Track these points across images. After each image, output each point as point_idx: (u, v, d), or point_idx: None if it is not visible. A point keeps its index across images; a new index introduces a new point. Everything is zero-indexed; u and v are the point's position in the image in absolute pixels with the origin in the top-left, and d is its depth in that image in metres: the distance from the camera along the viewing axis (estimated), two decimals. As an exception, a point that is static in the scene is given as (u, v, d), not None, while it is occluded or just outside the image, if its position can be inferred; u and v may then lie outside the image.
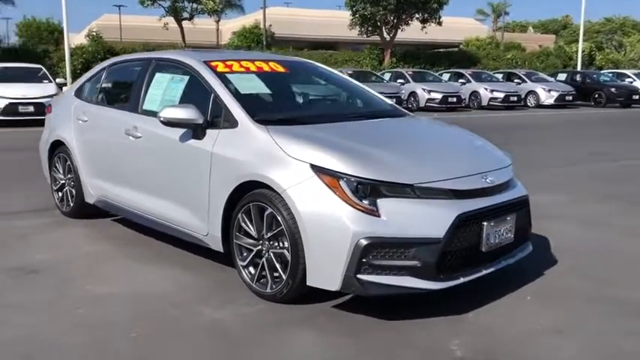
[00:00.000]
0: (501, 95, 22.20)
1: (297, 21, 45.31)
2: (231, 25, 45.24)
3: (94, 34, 23.14)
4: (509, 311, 3.45)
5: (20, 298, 3.60)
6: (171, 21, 29.48)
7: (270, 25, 37.58)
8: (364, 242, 3.08)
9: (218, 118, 3.87)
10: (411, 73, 22.99)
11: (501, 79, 24.66)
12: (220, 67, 4.24)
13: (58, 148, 5.48)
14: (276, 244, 3.43)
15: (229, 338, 3.08)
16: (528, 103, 23.74)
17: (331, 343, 3.05)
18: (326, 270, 3.20)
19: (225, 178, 3.67)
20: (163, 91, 4.46)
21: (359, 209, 3.13)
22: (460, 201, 3.30)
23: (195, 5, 29.18)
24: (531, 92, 23.77)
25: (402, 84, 21.82)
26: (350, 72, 20.55)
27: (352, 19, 27.35)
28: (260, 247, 3.53)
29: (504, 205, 3.50)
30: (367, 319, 3.31)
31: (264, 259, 3.51)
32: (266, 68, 4.49)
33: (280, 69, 4.58)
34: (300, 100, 4.65)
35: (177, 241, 4.32)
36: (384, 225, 3.12)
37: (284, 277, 3.38)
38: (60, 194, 5.52)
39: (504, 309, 3.48)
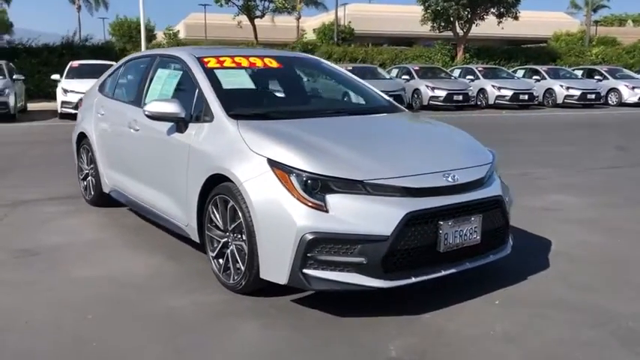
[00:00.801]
0: (577, 93, 21.07)
1: (377, 17, 45.15)
2: (312, 22, 45.76)
3: (170, 32, 24.19)
4: (470, 314, 3.34)
5: (10, 276, 3.89)
6: (246, 19, 30.23)
7: (350, 22, 37.67)
8: (309, 237, 3.09)
9: (200, 113, 3.99)
10: (481, 69, 22.31)
11: (581, 76, 23.40)
12: (211, 63, 4.36)
13: (82, 140, 5.83)
14: (238, 236, 3.50)
15: (175, 325, 3.17)
16: (609, 101, 22.40)
17: (271, 336, 3.08)
18: (275, 263, 3.23)
19: (199, 170, 3.79)
20: (162, 86, 4.65)
21: (306, 204, 3.14)
22: (413, 199, 3.23)
23: (266, 3, 29.80)
24: (613, 90, 22.41)
25: (472, 80, 21.20)
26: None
27: (424, 15, 26.90)
28: (226, 239, 3.61)
29: (466, 204, 3.38)
30: (320, 315, 3.32)
31: (229, 250, 3.59)
32: (259, 64, 4.57)
33: (274, 64, 4.64)
34: (284, 95, 4.68)
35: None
36: (330, 220, 3.11)
37: (242, 269, 3.45)
38: (84, 183, 5.87)
39: (466, 312, 3.38)
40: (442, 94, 19.55)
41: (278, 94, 4.61)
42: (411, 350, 2.94)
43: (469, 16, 26.64)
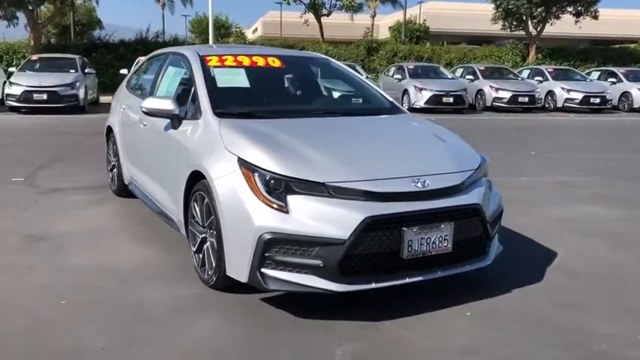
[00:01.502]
0: (657, 97, 19.78)
1: (453, 15, 44.22)
2: (388, 20, 45.43)
3: (237, 30, 24.80)
4: (434, 325, 3.25)
5: (9, 259, 4.14)
6: (313, 17, 30.41)
7: (425, 20, 37.14)
8: (267, 237, 3.11)
9: (193, 110, 4.09)
10: (551, 70, 21.36)
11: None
12: (212, 62, 4.45)
13: (110, 133, 6.10)
14: (213, 232, 3.57)
15: (139, 316, 3.27)
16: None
17: (224, 334, 3.11)
18: (237, 261, 3.27)
19: (184, 166, 3.88)
20: (169, 83, 4.80)
21: (267, 204, 3.16)
22: (375, 203, 3.17)
23: (333, 1, 29.87)
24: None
25: (540, 82, 20.38)
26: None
27: (495, 13, 26.06)
28: (205, 234, 3.69)
29: (435, 211, 3.28)
30: (282, 315, 3.33)
31: (205, 246, 3.67)
32: (261, 63, 4.61)
33: (277, 64, 4.67)
34: (279, 95, 4.69)
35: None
36: (289, 221, 3.11)
37: (214, 265, 3.52)
38: (111, 174, 6.15)
39: (431, 322, 3.28)
40: (506, 95, 18.89)
41: (272, 94, 4.63)
42: (357, 356, 2.90)
43: (543, 14, 25.56)
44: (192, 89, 4.20)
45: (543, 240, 4.79)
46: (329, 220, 3.11)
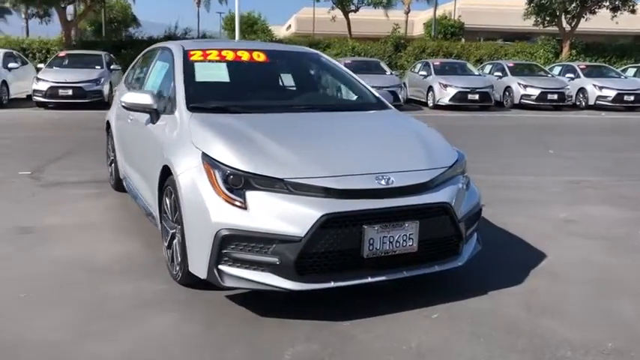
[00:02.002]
0: (696, 94, 18.97)
1: (489, 11, 43.38)
2: (423, 16, 44.87)
3: (263, 26, 24.85)
4: (395, 326, 3.15)
5: (-9, 251, 4.20)
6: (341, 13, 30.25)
7: (460, 16, 36.56)
8: (223, 233, 3.06)
9: (170, 104, 4.07)
10: (583, 67, 20.69)
11: None
12: (195, 56, 4.43)
13: (109, 128, 6.15)
14: (179, 227, 3.54)
15: (98, 311, 3.27)
16: None
17: (179, 330, 3.06)
18: (197, 258, 3.23)
19: (158, 161, 3.87)
20: (155, 78, 4.79)
21: (226, 200, 3.11)
22: (335, 200, 3.08)
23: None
24: None
25: (572, 79, 19.79)
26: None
27: (527, 8, 25.41)
28: (174, 230, 3.67)
29: (399, 209, 3.17)
30: (244, 312, 3.28)
31: (174, 241, 3.64)
32: (245, 57, 4.57)
33: (261, 58, 4.62)
34: (259, 89, 4.61)
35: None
36: (247, 218, 3.05)
37: (179, 260, 3.49)
38: (110, 169, 6.20)
39: (393, 323, 3.18)
40: (535, 92, 18.39)
41: (252, 89, 4.57)
42: (307, 357, 2.83)
43: (577, 10, 24.81)
44: (172, 83, 4.19)
45: (537, 242, 4.62)
46: (286, 217, 3.04)
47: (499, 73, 19.72)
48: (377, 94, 4.61)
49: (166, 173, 3.70)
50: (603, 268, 4.11)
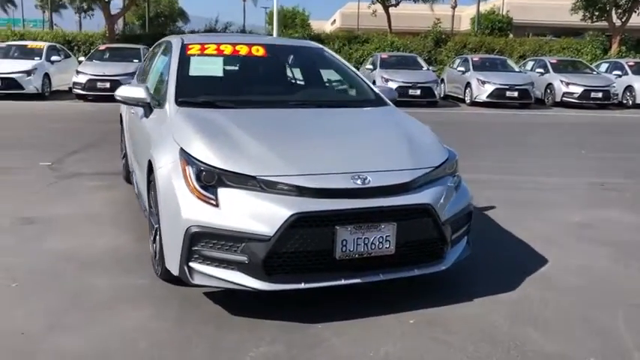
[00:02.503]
0: None
1: (539, 6, 42.20)
2: (470, 10, 43.99)
3: (302, 20, 24.82)
4: (368, 331, 3.04)
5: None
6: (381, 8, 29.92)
7: (508, 11, 35.68)
8: (193, 230, 3.03)
9: (162, 98, 4.07)
10: (632, 63, 19.81)
11: None
12: (193, 50, 4.42)
13: (122, 121, 6.22)
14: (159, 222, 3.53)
15: (77, 303, 3.30)
16: None
17: (148, 327, 3.05)
18: (171, 254, 3.21)
19: (145, 155, 3.87)
20: (156, 71, 4.81)
21: (198, 196, 3.07)
22: (307, 199, 3.00)
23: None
24: None
25: (619, 76, 19.01)
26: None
27: (575, 2, 24.51)
28: (157, 225, 3.66)
29: (373, 210, 3.07)
30: (219, 311, 3.24)
31: (158, 236, 3.63)
32: (243, 52, 4.52)
33: (260, 53, 4.56)
34: (252, 84, 4.54)
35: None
36: (217, 215, 3.01)
37: (159, 256, 3.48)
38: (123, 161, 6.28)
39: (367, 328, 3.08)
40: (577, 90, 17.73)
41: (245, 83, 4.51)
42: (271, 357, 2.77)
43: (629, 4, 23.78)
44: (167, 77, 4.18)
45: (543, 246, 4.43)
46: (257, 215, 2.98)
47: (541, 70, 19.11)
48: (376, 91, 4.50)
49: (151, 168, 3.70)
50: (604, 277, 3.90)
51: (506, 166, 7.96)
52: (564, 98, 17.92)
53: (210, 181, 3.08)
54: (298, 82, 4.79)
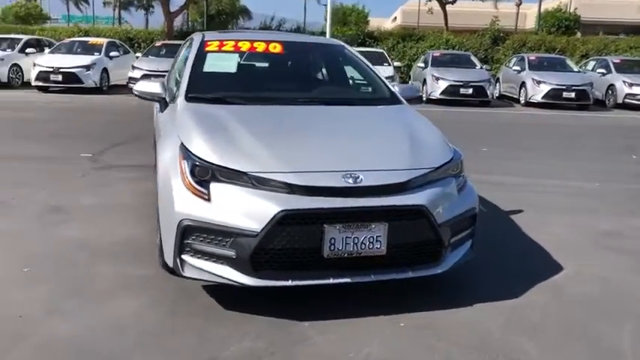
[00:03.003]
0: None
1: (610, 3, 40.50)
2: (536, 8, 42.63)
3: (356, 16, 24.72)
4: (355, 332, 3.02)
5: (12, 226, 4.52)
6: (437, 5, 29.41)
7: (576, 9, 34.44)
8: (185, 223, 3.08)
9: (176, 93, 4.15)
10: (702, 65, 18.72)
11: None
12: (211, 47, 4.50)
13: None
14: None
15: (79, 290, 3.42)
16: None
17: (141, 316, 3.12)
18: (167, 246, 3.28)
19: (156, 149, 3.96)
20: (177, 67, 4.91)
21: (191, 191, 3.12)
22: (296, 197, 3.00)
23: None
24: None
25: (688, 77, 17.95)
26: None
27: (644, 0, 23.31)
28: (158, 217, 3.73)
29: (363, 209, 3.03)
30: (212, 304, 3.29)
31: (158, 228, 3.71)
32: (260, 49, 4.55)
33: (277, 50, 4.58)
34: (262, 81, 4.55)
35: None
36: (208, 210, 3.05)
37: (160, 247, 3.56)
38: (154, 154, 6.45)
39: (355, 328, 3.06)
40: (641, 91, 16.89)
41: (257, 80, 4.53)
42: (249, 354, 2.79)
43: None
44: (183, 73, 4.27)
45: (561, 253, 4.25)
46: (246, 211, 3.00)
47: (602, 70, 18.29)
48: (392, 89, 4.43)
49: None
50: (619, 289, 3.71)
51: (546, 169, 7.68)
52: (626, 100, 17.11)
53: (204, 176, 3.13)
54: (313, 79, 4.78)
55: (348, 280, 3.11)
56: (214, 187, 3.09)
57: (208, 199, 3.07)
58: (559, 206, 5.72)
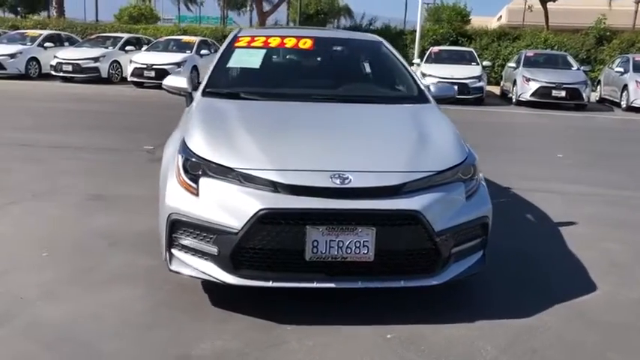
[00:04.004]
0: None
1: None
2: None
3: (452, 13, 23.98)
4: (340, 342, 2.87)
5: (50, 211, 4.77)
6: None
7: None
8: (173, 217, 3.07)
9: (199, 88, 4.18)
10: None
11: None
12: (241, 42, 4.49)
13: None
14: None
15: (86, 277, 3.52)
16: None
17: (132, 307, 3.16)
18: (161, 239, 3.29)
19: (176, 143, 4.00)
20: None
21: (183, 185, 3.11)
22: (281, 195, 2.89)
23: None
24: None
25: None
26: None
27: None
28: None
29: (348, 212, 2.86)
30: (201, 299, 3.27)
31: None
32: (289, 44, 4.48)
33: (306, 46, 4.48)
34: (284, 77, 4.42)
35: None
36: (195, 205, 3.02)
37: None
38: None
39: (339, 337, 2.91)
40: None
41: (279, 76, 4.42)
42: (219, 354, 2.73)
43: None
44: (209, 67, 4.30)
45: (602, 273, 3.87)
46: (230, 208, 2.94)
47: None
48: (422, 88, 4.20)
49: None
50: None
51: (621, 179, 7.01)
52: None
53: (196, 170, 3.10)
54: (338, 75, 4.62)
55: (332, 285, 2.97)
56: (203, 182, 3.06)
57: (197, 195, 3.04)
58: (620, 220, 5.20)
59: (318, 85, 4.36)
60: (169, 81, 4.35)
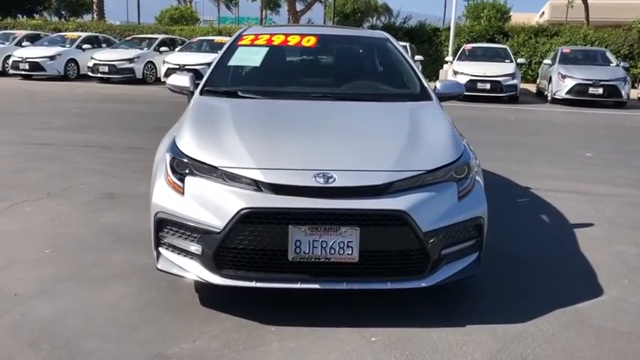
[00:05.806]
0: None
1: None
2: None
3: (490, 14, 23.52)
4: (322, 344, 2.81)
5: (58, 209, 4.86)
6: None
7: None
8: (159, 216, 3.08)
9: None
10: None
11: None
12: (245, 40, 4.48)
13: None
14: None
15: (84, 274, 3.57)
16: None
17: (122, 304, 3.18)
18: (152, 238, 3.29)
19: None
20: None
21: (170, 184, 3.11)
22: (264, 195, 2.86)
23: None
24: None
25: None
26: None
27: None
28: None
29: (331, 212, 2.80)
30: (192, 298, 3.26)
31: None
32: (292, 42, 4.44)
33: (310, 43, 4.43)
34: (284, 75, 4.36)
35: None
36: (180, 204, 3.01)
37: None
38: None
39: (321, 339, 2.85)
40: None
41: (278, 74, 4.36)
42: (196, 354, 2.71)
43: None
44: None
45: (609, 277, 3.71)
46: (213, 207, 2.92)
47: None
48: (425, 85, 4.10)
49: None
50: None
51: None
52: None
53: (183, 169, 3.10)
54: (338, 73, 4.54)
55: (317, 286, 2.92)
56: (189, 181, 3.05)
57: (182, 193, 3.04)
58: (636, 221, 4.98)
59: (318, 83, 4.31)
60: (173, 80, 4.36)
